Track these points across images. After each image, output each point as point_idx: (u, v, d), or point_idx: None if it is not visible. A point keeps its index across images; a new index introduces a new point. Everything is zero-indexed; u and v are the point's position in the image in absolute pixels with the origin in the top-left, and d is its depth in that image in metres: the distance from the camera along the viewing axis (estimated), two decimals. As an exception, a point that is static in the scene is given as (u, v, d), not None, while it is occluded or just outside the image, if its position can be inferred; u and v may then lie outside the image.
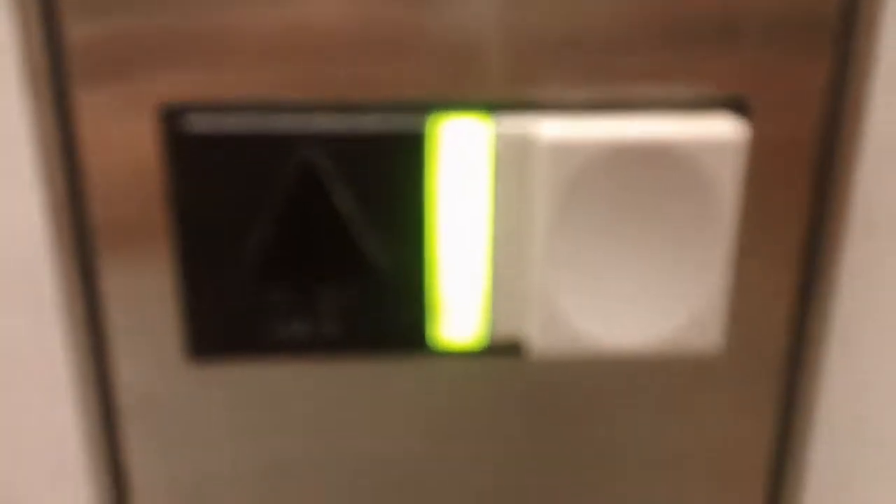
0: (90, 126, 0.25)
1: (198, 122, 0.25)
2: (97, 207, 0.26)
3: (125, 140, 0.26)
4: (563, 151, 0.25)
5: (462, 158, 0.26)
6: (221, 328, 0.27)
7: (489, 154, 0.26)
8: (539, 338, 0.27)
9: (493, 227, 0.27)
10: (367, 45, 0.25)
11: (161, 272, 0.27)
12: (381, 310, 0.27)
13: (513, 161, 0.26)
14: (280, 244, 0.26)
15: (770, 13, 0.26)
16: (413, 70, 0.25)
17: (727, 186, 0.26)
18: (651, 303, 0.27)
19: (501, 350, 0.28)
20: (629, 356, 0.27)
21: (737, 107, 0.26)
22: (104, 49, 0.25)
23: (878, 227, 0.31)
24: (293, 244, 0.26)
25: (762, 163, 0.27)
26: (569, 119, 0.26)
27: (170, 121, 0.25)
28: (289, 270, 0.26)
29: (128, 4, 0.24)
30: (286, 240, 0.26)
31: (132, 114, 0.25)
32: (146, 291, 0.27)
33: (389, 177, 0.26)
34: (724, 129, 0.25)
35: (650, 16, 0.25)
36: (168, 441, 0.29)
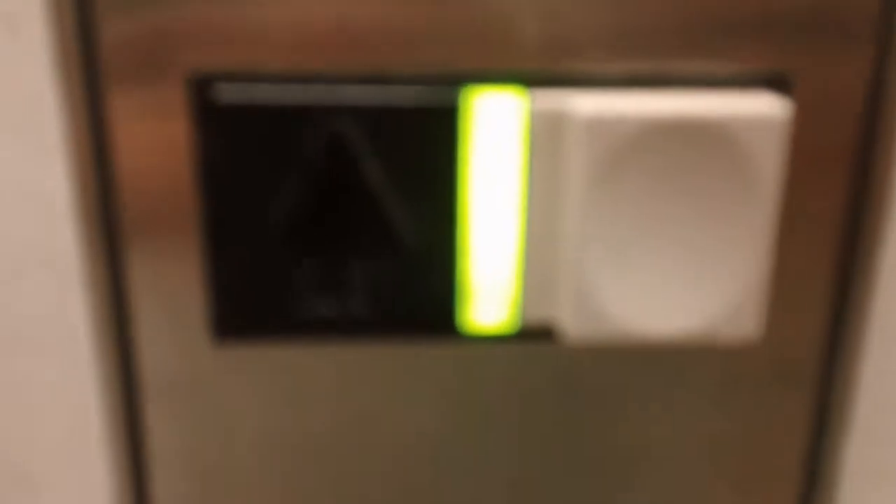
0: (118, 98, 0.25)
1: (227, 92, 0.25)
2: (125, 187, 0.26)
3: (154, 112, 0.25)
4: (600, 127, 0.24)
5: (495, 134, 0.25)
6: (248, 309, 0.27)
7: (523, 130, 0.25)
8: (572, 323, 0.26)
9: (527, 206, 0.26)
10: (401, 17, 0.25)
11: (187, 252, 0.27)
12: (410, 290, 0.26)
13: (547, 137, 0.25)
14: (309, 219, 0.25)
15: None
16: (447, 42, 0.25)
17: (770, 166, 0.25)
18: (689, 288, 0.26)
19: (533, 335, 0.27)
20: (665, 343, 0.27)
21: (779, 85, 0.26)
22: (135, 21, 0.24)
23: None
24: (322, 219, 0.26)
25: (804, 142, 0.26)
26: (605, 94, 0.25)
27: (198, 91, 0.25)
28: (317, 246, 0.26)
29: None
30: (315, 215, 0.25)
31: (161, 83, 0.25)
32: (172, 272, 0.27)
33: (421, 151, 0.25)
34: (767, 106, 0.25)
35: (691, -10, 0.25)
36: (191, 423, 0.29)
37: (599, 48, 0.25)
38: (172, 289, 0.27)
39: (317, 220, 0.25)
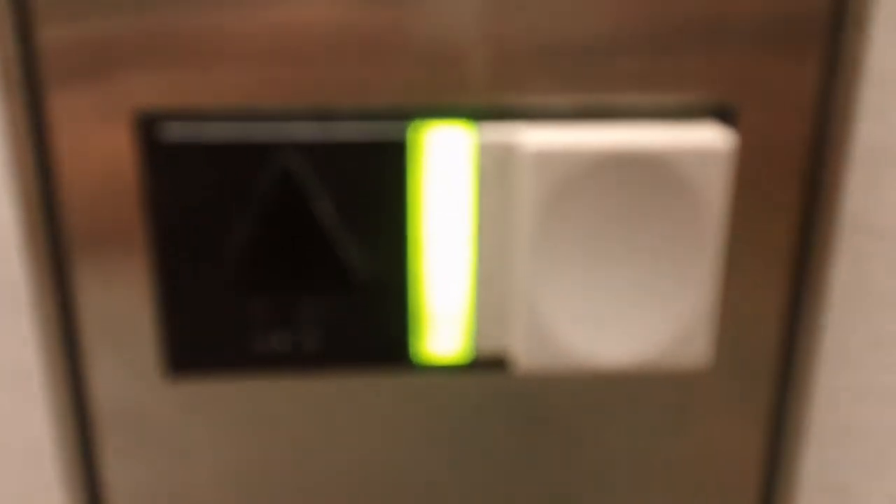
0: (64, 133, 0.25)
1: (174, 131, 0.24)
2: (72, 218, 0.26)
3: (100, 148, 0.25)
4: (548, 160, 0.25)
5: (445, 167, 0.25)
6: (199, 344, 0.27)
7: (473, 163, 0.25)
8: (524, 352, 0.26)
9: (478, 238, 0.26)
10: (348, 52, 0.25)
11: (138, 285, 0.27)
12: (363, 323, 0.27)
13: (497, 170, 0.25)
14: (259, 256, 0.25)
15: (756, 19, 0.25)
16: (395, 77, 0.25)
17: (714, 196, 0.25)
18: (638, 316, 0.26)
19: (486, 364, 0.28)
20: (616, 372, 0.27)
21: (723, 115, 0.26)
22: (78, 53, 0.24)
23: (869, 235, 0.30)
24: (273, 256, 0.25)
25: (749, 171, 0.27)
26: (553, 127, 0.25)
27: (145, 129, 0.24)
28: (268, 283, 0.26)
29: (102, 8, 0.24)
30: (265, 251, 0.25)
31: (107, 121, 0.25)
32: (122, 305, 0.27)
33: (371, 186, 0.25)
34: (711, 138, 0.25)
35: (635, 23, 0.25)
36: (145, 458, 0.28)
37: (547, 82, 0.25)
38: (124, 323, 0.27)
39: (268, 256, 0.25)
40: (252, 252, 0.25)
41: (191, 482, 0.29)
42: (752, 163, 0.27)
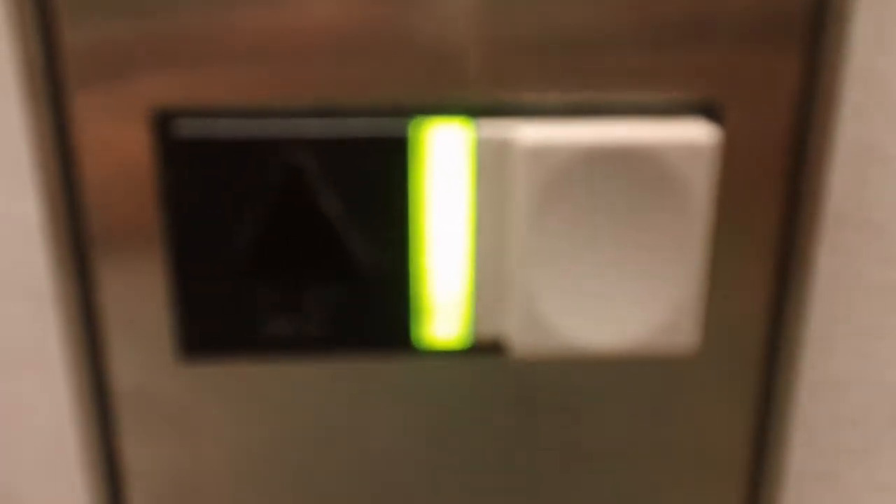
0: (85, 130, 0.26)
1: (187, 127, 0.26)
2: (93, 209, 0.27)
3: (119, 143, 0.27)
4: (541, 154, 0.26)
5: (444, 162, 0.27)
6: (211, 328, 0.28)
7: (470, 158, 0.27)
8: (519, 337, 0.28)
9: (475, 229, 0.27)
10: (352, 51, 0.26)
11: (153, 273, 0.28)
12: (367, 310, 0.28)
13: (493, 164, 0.27)
14: (268, 246, 0.27)
15: (740, 17, 0.26)
16: (396, 75, 0.26)
17: (700, 189, 0.26)
18: (628, 303, 0.28)
19: (484, 349, 0.29)
20: (607, 356, 0.28)
21: (709, 111, 0.27)
22: (99, 53, 0.25)
23: (852, 226, 0.31)
24: (281, 246, 0.27)
25: (735, 165, 0.28)
26: (546, 123, 0.26)
27: (160, 126, 0.26)
28: (276, 271, 0.27)
29: (121, 10, 0.25)
30: (274, 241, 0.27)
31: (125, 118, 0.26)
32: (139, 292, 0.28)
33: (374, 180, 0.27)
34: (697, 133, 0.26)
35: (625, 23, 0.26)
36: (162, 437, 0.30)
37: (541, 80, 0.27)
38: (140, 309, 0.28)
39: (276, 246, 0.27)
40: (261, 242, 0.27)
41: (203, 460, 0.30)
42: (738, 157, 0.28)
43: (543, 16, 0.26)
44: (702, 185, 0.26)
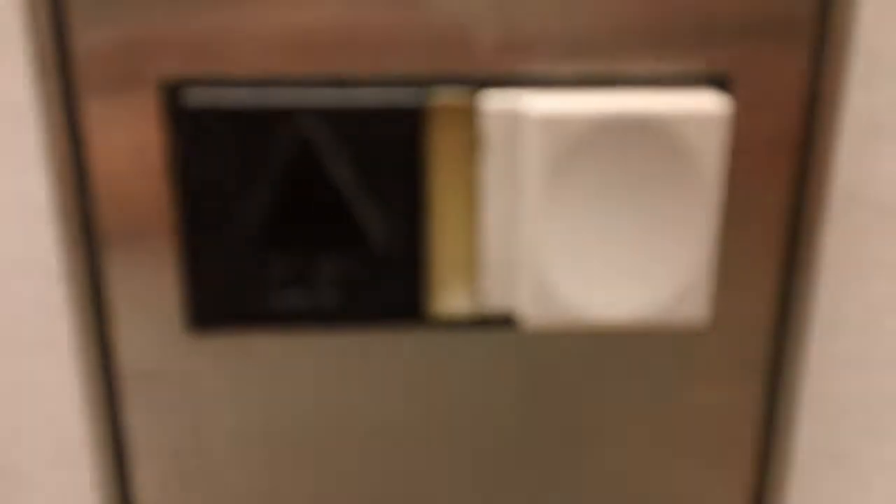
0: (93, 104, 0.26)
1: (196, 97, 0.26)
2: (101, 183, 0.27)
3: (127, 117, 0.26)
4: (552, 125, 0.26)
5: (455, 133, 0.27)
6: (221, 300, 0.28)
7: (482, 128, 0.27)
8: (529, 309, 0.28)
9: (486, 201, 0.27)
10: (365, 24, 0.26)
11: (162, 246, 0.28)
12: (378, 282, 0.28)
13: (504, 135, 0.27)
14: (278, 217, 0.27)
15: (752, -9, 0.26)
16: (409, 47, 0.26)
17: (711, 160, 0.26)
18: (639, 275, 0.28)
19: (496, 321, 0.29)
20: (617, 328, 0.28)
21: (720, 83, 0.27)
22: (108, 31, 0.25)
23: (862, 206, 0.31)
24: (291, 217, 0.27)
25: (745, 137, 0.28)
26: (558, 94, 0.26)
27: (169, 95, 0.26)
28: (287, 243, 0.27)
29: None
30: (285, 212, 0.27)
31: (133, 89, 0.26)
32: (148, 266, 0.28)
33: (386, 150, 0.26)
34: (708, 104, 0.26)
35: (636, -6, 0.26)
36: (169, 412, 0.30)
37: (552, 51, 0.27)
38: (148, 283, 0.28)
39: (287, 217, 0.27)
40: (272, 213, 0.27)
41: (212, 436, 0.30)
42: (748, 128, 0.28)
43: (555, -15, 0.26)
44: (713, 156, 0.26)
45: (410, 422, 0.31)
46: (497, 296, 0.28)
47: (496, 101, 0.26)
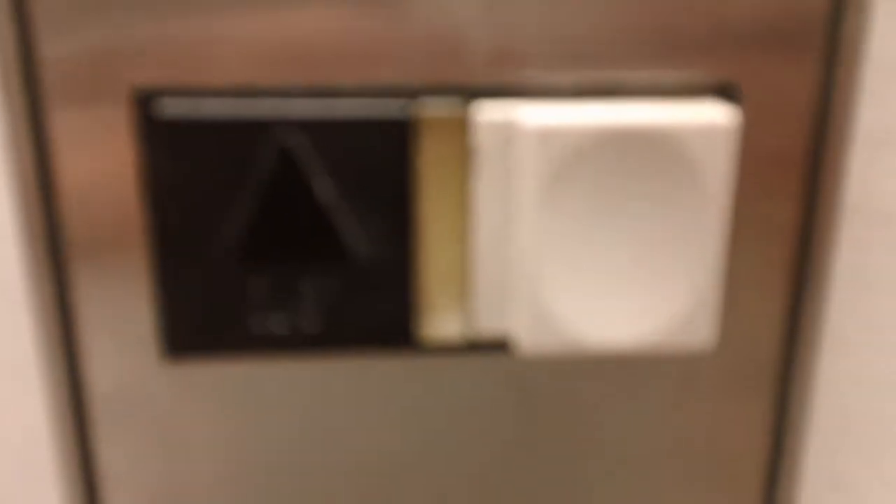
0: (61, 113, 0.25)
1: (172, 107, 0.24)
2: (69, 201, 0.26)
3: (97, 131, 0.25)
4: (549, 138, 0.24)
5: (446, 146, 0.25)
6: (197, 325, 0.26)
7: (473, 142, 0.25)
8: (525, 335, 0.26)
9: (479, 218, 0.26)
10: (350, 31, 0.25)
11: (135, 267, 0.26)
12: (364, 303, 0.26)
13: (498, 148, 0.25)
14: (258, 235, 0.25)
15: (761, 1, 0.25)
16: (396, 56, 0.25)
17: (718, 174, 0.25)
18: (641, 297, 0.26)
19: (488, 346, 0.27)
20: (618, 354, 0.27)
21: (727, 93, 0.26)
22: (77, 39, 0.24)
23: (871, 221, 0.30)
24: (272, 235, 0.25)
25: (752, 152, 0.27)
26: (554, 105, 0.25)
27: (142, 106, 0.24)
28: (267, 262, 0.26)
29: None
30: (265, 231, 0.25)
31: (104, 100, 0.24)
32: (119, 286, 0.27)
33: (371, 164, 0.25)
34: (715, 115, 0.25)
35: (638, 2, 0.25)
36: (143, 442, 0.28)
37: (548, 59, 0.25)
38: (120, 306, 0.27)
39: (267, 236, 0.25)
40: (251, 231, 0.25)
41: (188, 466, 0.29)
42: (756, 141, 0.27)
43: (552, -10, 0.25)
44: (720, 170, 0.25)
45: (399, 451, 0.29)
46: (490, 319, 0.27)
47: (489, 113, 0.25)
